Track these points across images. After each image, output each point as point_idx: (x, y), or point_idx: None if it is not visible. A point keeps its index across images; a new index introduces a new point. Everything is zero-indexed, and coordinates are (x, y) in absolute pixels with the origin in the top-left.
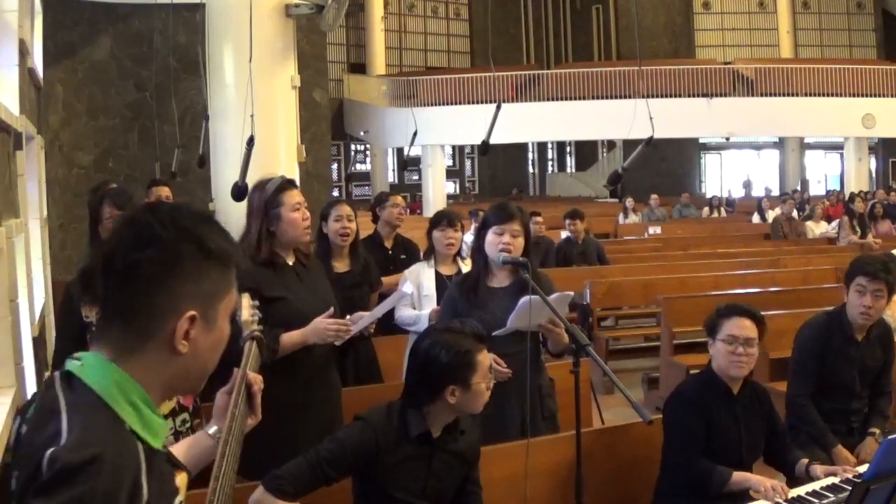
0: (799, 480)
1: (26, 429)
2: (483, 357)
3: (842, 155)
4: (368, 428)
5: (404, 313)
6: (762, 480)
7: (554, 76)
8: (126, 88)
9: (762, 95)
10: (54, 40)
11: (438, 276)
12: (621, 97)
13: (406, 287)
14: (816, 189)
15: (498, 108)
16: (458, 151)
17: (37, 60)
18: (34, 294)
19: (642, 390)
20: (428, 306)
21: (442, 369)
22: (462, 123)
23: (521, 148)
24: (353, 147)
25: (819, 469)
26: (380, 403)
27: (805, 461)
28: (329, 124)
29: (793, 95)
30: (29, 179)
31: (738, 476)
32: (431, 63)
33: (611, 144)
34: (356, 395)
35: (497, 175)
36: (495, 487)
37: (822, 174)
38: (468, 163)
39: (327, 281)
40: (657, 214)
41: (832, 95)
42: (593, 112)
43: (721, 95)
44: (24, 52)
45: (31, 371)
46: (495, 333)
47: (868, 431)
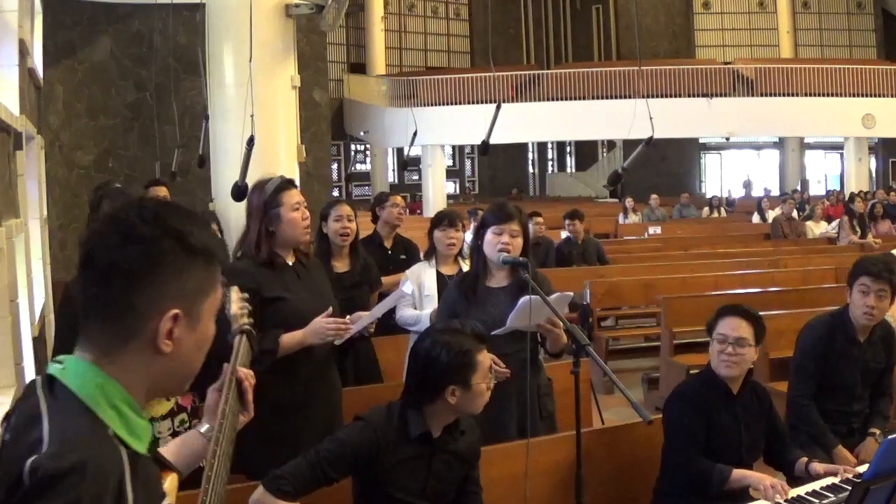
0: (799, 480)
1: (9, 437)
2: (483, 357)
3: (842, 155)
4: (368, 428)
5: (405, 313)
6: (762, 478)
7: (554, 76)
8: (126, 88)
9: (762, 95)
10: (54, 40)
11: (440, 276)
12: (621, 97)
13: (406, 287)
14: (816, 189)
15: (498, 108)
16: (458, 151)
17: (37, 60)
18: (34, 294)
19: (642, 390)
20: (429, 306)
21: (442, 369)
22: (462, 123)
23: (521, 148)
24: (353, 147)
25: (819, 467)
26: (380, 403)
27: (804, 459)
28: (329, 124)
29: (793, 95)
30: (29, 179)
31: (738, 473)
32: (431, 63)
33: (611, 144)
34: (356, 395)
35: (497, 175)
36: (495, 487)
37: (822, 174)
38: (468, 163)
39: (327, 281)
40: (657, 214)
41: (832, 95)
42: (593, 112)
43: (721, 95)
44: (24, 52)
45: (31, 371)
46: (494, 333)
47: (868, 432)
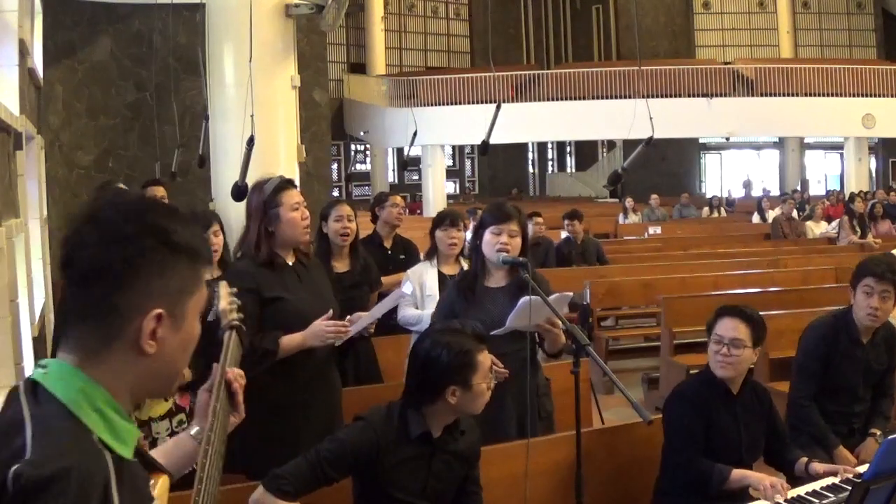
0: (799, 480)
1: None
2: (483, 357)
3: (842, 155)
4: (369, 428)
5: (407, 313)
6: (761, 478)
7: (554, 76)
8: (126, 88)
9: (762, 95)
10: (54, 40)
11: (441, 276)
12: (621, 97)
13: (406, 287)
14: (816, 189)
15: (498, 108)
16: (458, 151)
17: (37, 60)
18: (34, 294)
19: (642, 390)
20: (431, 306)
21: (442, 370)
22: (462, 123)
23: (521, 148)
24: (353, 147)
25: (819, 467)
26: (380, 403)
27: (804, 459)
28: (329, 124)
29: (793, 95)
30: (29, 179)
31: (738, 473)
32: (431, 63)
33: (611, 144)
34: (356, 395)
35: (497, 175)
36: (495, 487)
37: (822, 174)
38: (468, 163)
39: (327, 281)
40: (657, 214)
41: (832, 95)
42: (593, 112)
43: (721, 95)
44: (24, 52)
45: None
46: (493, 333)
47: (869, 432)
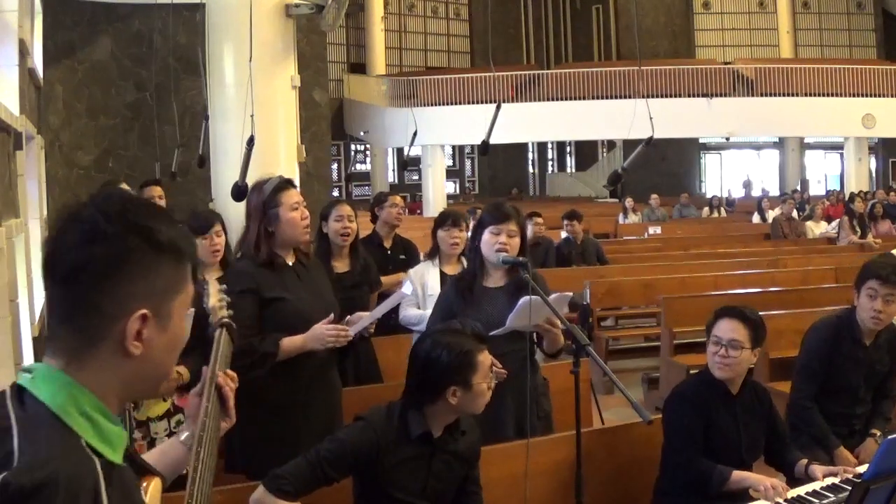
0: (799, 480)
1: None
2: (484, 357)
3: (842, 155)
4: (369, 428)
5: (409, 313)
6: (762, 479)
7: (554, 76)
8: (126, 88)
9: (762, 95)
10: (54, 40)
11: (443, 276)
12: (621, 97)
13: (406, 288)
14: (816, 189)
15: (498, 108)
16: (458, 151)
17: (37, 60)
18: (34, 294)
19: (642, 390)
20: (432, 306)
21: (443, 370)
22: (462, 123)
23: (521, 148)
24: (353, 147)
25: (818, 469)
26: (380, 403)
27: (804, 461)
28: (329, 124)
29: (793, 95)
30: (29, 179)
31: (738, 475)
32: (431, 63)
33: (611, 144)
34: (356, 395)
35: (497, 175)
36: (495, 487)
37: (822, 174)
38: (468, 163)
39: (327, 281)
40: (657, 214)
41: (832, 95)
42: (593, 112)
43: (721, 95)
44: (24, 52)
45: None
46: (493, 333)
47: (869, 432)
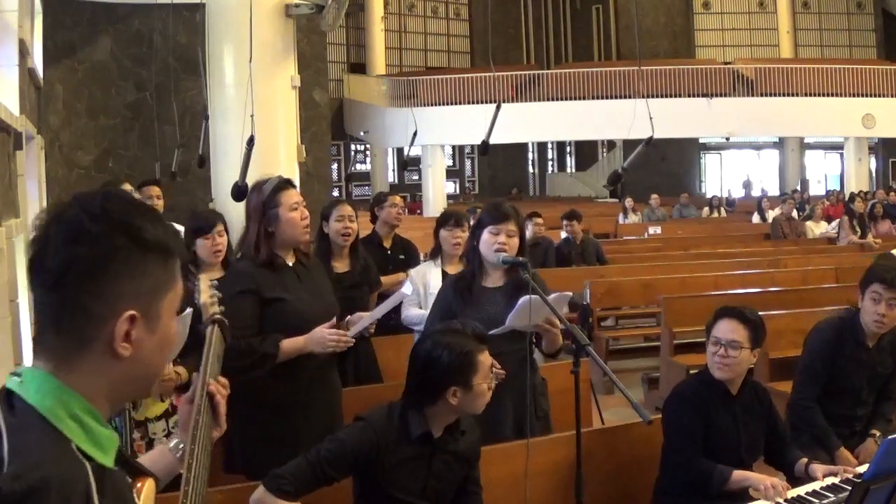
0: (799, 480)
1: None
2: (484, 357)
3: (842, 155)
4: (369, 428)
5: (411, 313)
6: (762, 478)
7: (554, 76)
8: (126, 88)
9: (762, 95)
10: (54, 40)
11: (445, 276)
12: (621, 97)
13: (406, 288)
14: (816, 189)
15: (498, 108)
16: (458, 151)
17: (37, 60)
18: None
19: (642, 390)
20: None
21: (443, 370)
22: (462, 123)
23: (521, 148)
24: (353, 147)
25: (818, 469)
26: (380, 403)
27: (804, 461)
28: (329, 124)
29: (793, 95)
30: (29, 179)
31: (738, 475)
32: (431, 63)
33: (611, 144)
34: (356, 395)
35: (497, 175)
36: (495, 487)
37: (822, 174)
38: (468, 163)
39: (328, 281)
40: (657, 214)
41: (832, 95)
42: (593, 112)
43: (721, 95)
44: (24, 52)
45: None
46: (492, 333)
47: (869, 433)
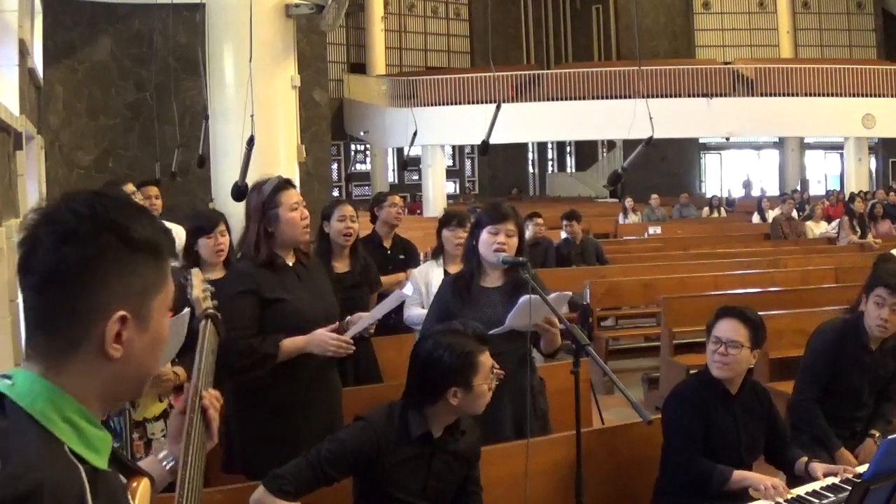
0: (799, 479)
1: None
2: (485, 358)
3: (842, 155)
4: (369, 428)
5: (413, 312)
6: (762, 478)
7: (554, 76)
8: (126, 88)
9: (762, 95)
10: (54, 40)
11: (447, 276)
12: (621, 97)
13: (406, 288)
14: (816, 189)
15: (498, 108)
16: (458, 151)
17: (37, 60)
18: None
19: (642, 390)
20: None
21: (444, 371)
22: (462, 123)
23: (521, 148)
24: (353, 147)
25: (818, 467)
26: (380, 403)
27: (804, 459)
28: (329, 124)
29: (793, 95)
30: (29, 179)
31: (738, 475)
32: (431, 63)
33: (611, 144)
34: (356, 395)
35: (497, 175)
36: (495, 487)
37: (822, 174)
38: (468, 163)
39: (328, 281)
40: (657, 214)
41: (832, 95)
42: (593, 112)
43: (721, 95)
44: (24, 52)
45: None
46: (492, 332)
47: (868, 433)
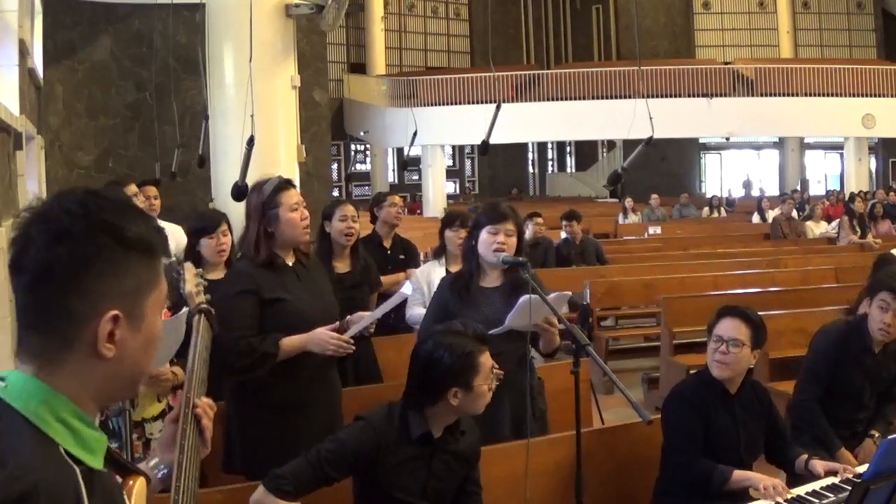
0: (800, 477)
1: None
2: (485, 358)
3: (842, 155)
4: (369, 428)
5: (415, 312)
6: (762, 478)
7: (554, 76)
8: (126, 88)
9: (762, 95)
10: (54, 40)
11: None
12: (621, 97)
13: (406, 288)
14: (816, 189)
15: (498, 108)
16: (458, 151)
17: (37, 60)
18: None
19: (642, 390)
20: None
21: (444, 371)
22: (462, 123)
23: (521, 148)
24: (353, 147)
25: (819, 464)
26: (380, 403)
27: (805, 457)
28: (329, 124)
29: (793, 95)
30: (29, 179)
31: (738, 475)
32: (431, 63)
33: (611, 144)
34: (356, 395)
35: (497, 175)
36: (495, 487)
37: (822, 174)
38: (468, 163)
39: (328, 281)
40: (657, 214)
41: (832, 95)
42: (593, 112)
43: (721, 95)
44: (24, 52)
45: None
46: (491, 332)
47: (868, 433)
